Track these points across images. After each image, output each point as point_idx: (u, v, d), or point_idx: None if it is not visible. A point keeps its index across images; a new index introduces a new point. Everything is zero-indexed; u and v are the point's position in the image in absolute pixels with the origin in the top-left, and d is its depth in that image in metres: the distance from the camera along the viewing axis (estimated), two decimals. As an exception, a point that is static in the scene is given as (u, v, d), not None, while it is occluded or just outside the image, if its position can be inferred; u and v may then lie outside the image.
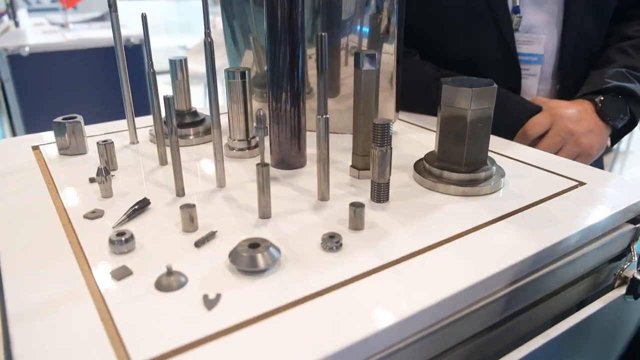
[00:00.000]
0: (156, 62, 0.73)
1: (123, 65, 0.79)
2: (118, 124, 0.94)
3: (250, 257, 0.47)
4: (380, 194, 0.62)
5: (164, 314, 0.42)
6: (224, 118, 0.77)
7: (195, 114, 0.85)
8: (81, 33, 2.85)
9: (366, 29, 0.82)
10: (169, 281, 0.46)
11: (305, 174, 0.71)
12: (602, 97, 0.90)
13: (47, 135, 0.87)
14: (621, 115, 0.89)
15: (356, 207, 0.55)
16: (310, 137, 0.77)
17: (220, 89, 0.64)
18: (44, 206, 0.62)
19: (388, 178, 0.61)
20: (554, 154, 0.83)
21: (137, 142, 0.84)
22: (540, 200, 0.63)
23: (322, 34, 0.56)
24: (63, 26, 3.08)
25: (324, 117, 0.58)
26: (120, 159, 0.76)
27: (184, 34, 5.52)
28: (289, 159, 0.72)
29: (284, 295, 0.44)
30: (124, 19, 0.92)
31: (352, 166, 0.70)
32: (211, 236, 0.53)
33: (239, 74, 0.72)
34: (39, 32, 2.90)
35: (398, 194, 0.64)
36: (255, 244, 0.49)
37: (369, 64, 0.63)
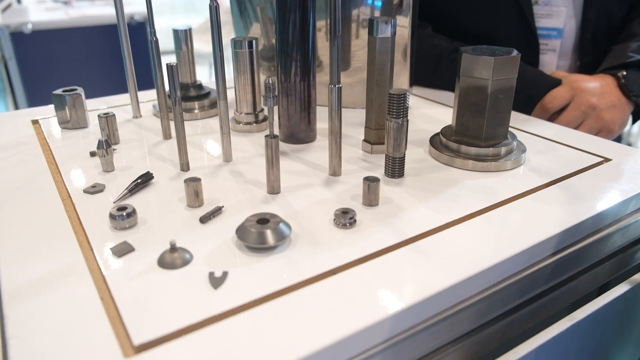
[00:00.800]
0: (160, 42, 0.69)
1: (125, 37, 0.76)
2: (121, 97, 0.91)
3: (259, 234, 0.44)
4: (395, 168, 0.58)
5: (167, 292, 0.40)
6: (231, 92, 0.74)
7: (200, 87, 0.82)
8: (84, 10, 2.80)
9: (379, 1, 0.77)
10: (172, 258, 0.43)
11: (315, 148, 0.68)
12: (625, 72, 0.85)
13: (47, 109, 0.84)
14: None
15: (370, 182, 0.52)
16: (321, 112, 0.74)
17: (228, 69, 0.61)
18: (42, 181, 0.59)
19: (404, 152, 0.58)
20: (574, 129, 0.80)
21: (140, 116, 0.81)
22: (564, 177, 0.59)
23: (335, -4, 0.52)
24: (66, 3, 3.03)
25: (337, 86, 0.55)
26: (122, 133, 0.73)
27: (189, 13, 5.45)
28: (298, 133, 0.69)
29: (294, 274, 0.42)
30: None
31: (365, 140, 0.66)
32: (217, 212, 0.51)
33: (247, 43, 0.69)
34: (41, 9, 2.85)
35: (413, 169, 0.61)
36: (264, 220, 0.46)
37: (384, 30, 0.60)
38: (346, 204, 0.53)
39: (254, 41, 0.69)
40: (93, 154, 0.66)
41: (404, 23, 0.78)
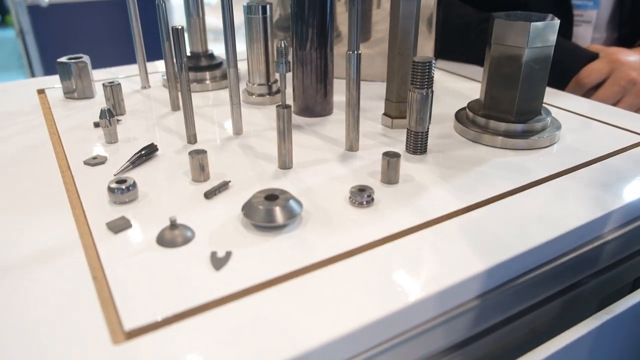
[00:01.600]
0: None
1: (132, 1, 0.72)
2: (130, 68, 0.87)
3: (267, 211, 0.40)
4: (418, 144, 0.54)
5: (165, 273, 0.36)
6: (242, 64, 0.70)
7: (212, 56, 0.78)
8: (102, -17, 2.76)
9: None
10: (172, 235, 0.39)
11: (331, 122, 0.64)
12: None
13: (54, 79, 0.81)
14: None
15: (390, 158, 0.47)
16: (337, 85, 0.69)
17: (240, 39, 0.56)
18: (43, 151, 0.56)
19: (427, 126, 0.53)
20: (612, 105, 0.74)
21: (149, 86, 0.77)
22: (602, 157, 0.54)
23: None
24: (84, -24, 2.99)
25: (356, 52, 0.50)
26: (129, 104, 0.69)
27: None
28: (313, 106, 0.64)
29: (305, 256, 0.38)
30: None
31: (385, 114, 0.62)
32: (223, 187, 0.47)
33: (260, 9, 0.64)
34: (59, -18, 2.82)
35: (437, 146, 0.57)
36: (272, 196, 0.42)
37: (409, -8, 0.55)
38: (363, 181, 0.48)
39: (268, 6, 0.65)
40: (97, 125, 0.62)
41: (429, -10, 0.72)
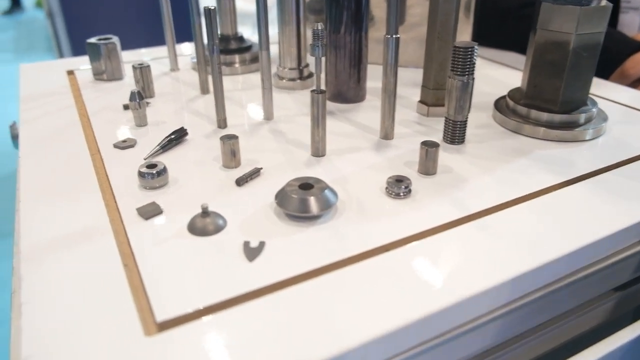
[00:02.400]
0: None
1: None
2: (160, 50, 0.86)
3: (301, 200, 0.39)
4: (456, 133, 0.52)
5: (197, 263, 0.35)
6: (273, 48, 0.68)
7: (241, 39, 0.76)
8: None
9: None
10: (204, 223, 0.38)
11: (364, 108, 0.62)
12: None
13: (84, 60, 0.80)
14: None
15: (429, 147, 0.45)
16: (370, 70, 0.67)
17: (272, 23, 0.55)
18: (72, 133, 0.55)
19: (467, 115, 0.51)
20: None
21: (178, 69, 0.76)
22: (652, 151, 0.51)
23: None
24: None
25: (394, 36, 0.48)
26: (158, 86, 0.68)
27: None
28: (346, 91, 0.62)
29: (340, 249, 0.36)
30: None
31: (421, 102, 0.60)
32: (255, 173, 0.46)
33: (293, -10, 0.62)
34: (88, -37, 2.82)
35: (475, 136, 0.54)
36: (307, 185, 0.40)
37: (451, -26, 0.52)
38: (399, 171, 0.47)
39: (301, -13, 0.63)
40: (126, 107, 0.61)
41: (468, -28, 0.69)
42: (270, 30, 0.56)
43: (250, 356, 0.28)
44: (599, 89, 0.69)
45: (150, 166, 0.44)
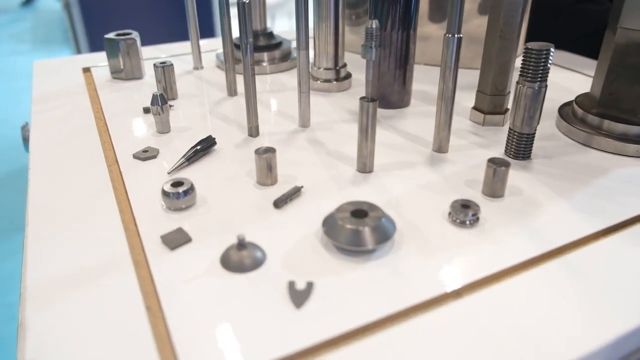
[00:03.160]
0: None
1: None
2: (180, 46, 0.81)
3: (355, 232, 0.33)
4: (521, 147, 0.45)
5: (233, 307, 0.29)
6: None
7: (270, 35, 0.70)
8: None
9: None
10: (240, 257, 0.33)
11: (409, 115, 0.56)
12: None
13: (101, 56, 0.75)
14: None
15: (497, 166, 0.39)
16: (415, 71, 0.61)
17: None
18: (88, 139, 0.50)
19: (536, 127, 0.44)
20: None
21: (202, 67, 0.70)
22: None
23: None
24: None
25: (456, 36, 0.42)
26: (180, 86, 0.63)
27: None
28: (390, 95, 0.56)
29: (404, 293, 0.30)
30: None
31: (475, 108, 0.53)
32: (295, 193, 0.40)
33: (332, -18, 0.56)
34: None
35: (540, 149, 0.48)
36: (360, 212, 0.34)
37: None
38: (460, 192, 0.40)
39: (340, -21, 0.57)
40: (147, 110, 0.56)
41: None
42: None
43: None
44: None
45: (176, 184, 0.38)
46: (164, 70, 0.57)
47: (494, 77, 0.50)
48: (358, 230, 0.33)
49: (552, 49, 0.41)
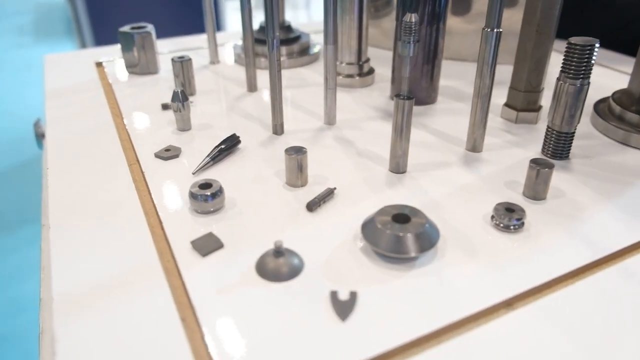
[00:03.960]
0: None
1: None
2: (194, 39, 0.79)
3: (397, 238, 0.31)
4: (559, 147, 0.43)
5: (272, 319, 0.28)
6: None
7: (289, 29, 0.68)
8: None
9: None
10: (276, 265, 0.31)
11: (437, 112, 0.54)
12: None
13: (113, 50, 0.73)
14: None
15: (541, 167, 0.37)
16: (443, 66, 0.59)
17: None
18: (106, 138, 0.48)
19: (576, 126, 0.42)
20: None
21: (219, 61, 0.68)
22: None
23: None
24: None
25: (495, 31, 0.40)
26: (198, 81, 0.61)
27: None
28: (418, 91, 0.54)
29: (452, 304, 0.29)
30: None
31: (508, 105, 0.51)
32: (328, 195, 0.38)
33: (356, -27, 0.54)
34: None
35: (578, 148, 0.46)
36: (402, 216, 0.33)
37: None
38: (500, 194, 0.39)
39: (366, -30, 0.54)
40: (165, 106, 0.54)
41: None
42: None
43: None
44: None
45: (204, 186, 0.37)
46: (182, 65, 0.55)
47: (528, 73, 0.48)
48: (401, 237, 0.31)
49: (597, 45, 0.39)
